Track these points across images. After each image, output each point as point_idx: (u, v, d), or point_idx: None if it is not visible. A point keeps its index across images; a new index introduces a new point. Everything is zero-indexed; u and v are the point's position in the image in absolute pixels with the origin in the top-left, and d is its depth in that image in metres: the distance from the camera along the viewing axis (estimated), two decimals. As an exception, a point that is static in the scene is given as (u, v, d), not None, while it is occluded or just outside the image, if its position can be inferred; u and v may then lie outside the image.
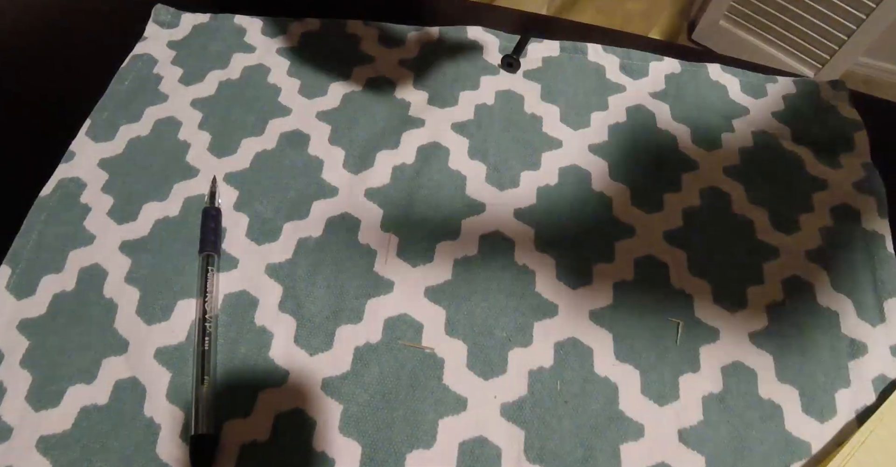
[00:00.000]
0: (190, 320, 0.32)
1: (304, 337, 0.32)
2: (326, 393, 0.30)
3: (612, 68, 0.44)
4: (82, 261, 0.34)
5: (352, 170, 0.39)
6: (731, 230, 0.36)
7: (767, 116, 0.42)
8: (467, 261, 0.35)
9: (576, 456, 0.29)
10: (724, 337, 0.32)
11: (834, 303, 0.33)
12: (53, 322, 0.32)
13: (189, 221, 0.36)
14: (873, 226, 0.36)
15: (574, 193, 0.38)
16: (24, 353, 0.31)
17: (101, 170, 0.38)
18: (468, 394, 0.31)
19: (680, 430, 0.30)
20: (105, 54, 0.44)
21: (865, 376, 0.31)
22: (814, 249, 0.35)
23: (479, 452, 0.29)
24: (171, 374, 0.31)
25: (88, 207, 0.36)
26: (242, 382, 0.31)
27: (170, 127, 0.40)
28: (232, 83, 0.43)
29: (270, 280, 0.34)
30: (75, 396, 0.30)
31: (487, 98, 0.42)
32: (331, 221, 0.36)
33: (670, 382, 0.31)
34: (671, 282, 0.34)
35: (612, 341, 0.32)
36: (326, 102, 0.42)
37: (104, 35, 0.46)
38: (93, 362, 0.31)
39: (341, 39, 0.45)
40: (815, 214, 0.37)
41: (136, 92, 0.42)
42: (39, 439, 0.29)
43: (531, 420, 0.30)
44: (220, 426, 0.29)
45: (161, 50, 0.44)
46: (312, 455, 0.29)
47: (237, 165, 0.39)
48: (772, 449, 0.29)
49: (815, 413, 0.30)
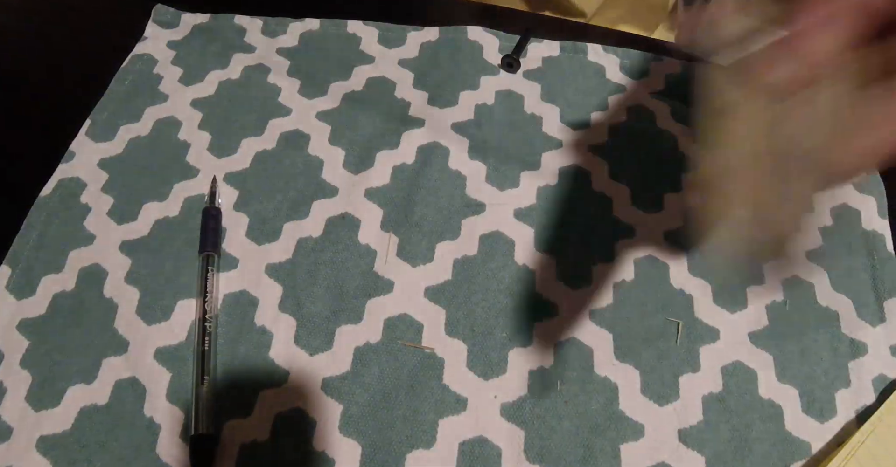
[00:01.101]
0: (190, 320, 0.32)
1: (304, 337, 0.32)
2: (326, 393, 0.30)
3: (612, 68, 0.44)
4: (82, 261, 0.34)
5: (352, 170, 0.39)
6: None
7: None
8: (467, 261, 0.35)
9: (576, 455, 0.29)
10: (723, 337, 0.32)
11: (834, 302, 0.34)
12: (53, 322, 0.32)
13: (189, 221, 0.36)
14: (873, 226, 0.36)
15: (574, 193, 0.38)
16: (23, 353, 0.31)
17: (101, 170, 0.38)
18: (468, 394, 0.31)
19: (680, 430, 0.30)
20: (105, 54, 0.44)
21: (865, 376, 0.31)
22: (814, 249, 0.35)
23: (479, 452, 0.29)
24: (171, 374, 0.31)
25: (88, 207, 0.36)
26: (242, 382, 0.31)
27: (170, 127, 0.40)
28: (232, 83, 0.43)
29: (270, 280, 0.34)
30: (75, 396, 0.30)
31: (487, 98, 0.42)
32: (331, 221, 0.36)
33: (670, 382, 0.31)
34: (671, 282, 0.34)
35: (612, 341, 0.32)
36: (326, 102, 0.42)
37: (104, 35, 0.46)
38: (93, 362, 0.31)
39: (341, 39, 0.45)
40: (814, 214, 0.37)
41: (136, 92, 0.42)
42: (39, 439, 0.29)
43: (531, 420, 0.30)
44: (220, 426, 0.29)
45: (161, 50, 0.44)
46: (312, 455, 0.29)
47: (237, 165, 0.39)
48: (772, 448, 0.29)
49: (815, 413, 0.30)
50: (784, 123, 0.20)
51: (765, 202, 0.21)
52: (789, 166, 0.20)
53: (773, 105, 0.20)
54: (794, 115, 0.20)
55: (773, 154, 0.20)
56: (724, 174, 0.21)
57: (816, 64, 0.19)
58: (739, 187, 0.21)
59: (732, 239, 0.21)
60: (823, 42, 0.19)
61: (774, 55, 0.19)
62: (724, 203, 0.21)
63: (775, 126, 0.20)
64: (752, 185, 0.21)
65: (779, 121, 0.20)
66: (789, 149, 0.20)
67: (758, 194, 0.21)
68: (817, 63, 0.19)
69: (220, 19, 0.46)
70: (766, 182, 0.21)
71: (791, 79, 0.19)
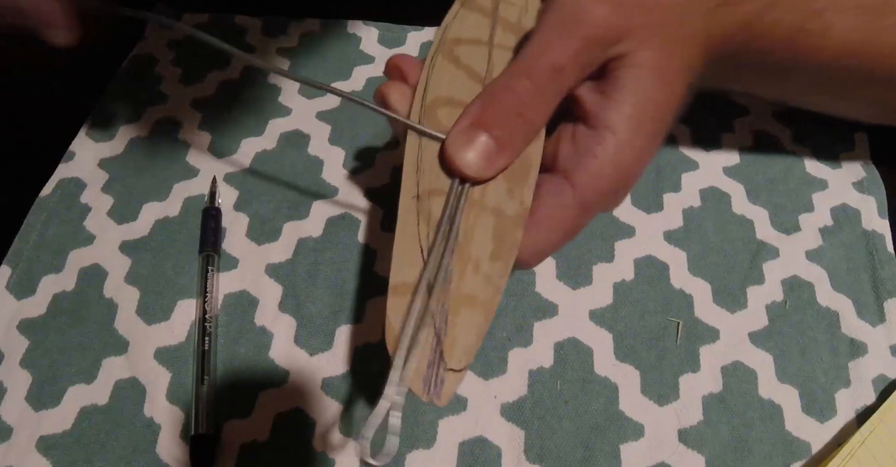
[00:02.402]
0: (190, 320, 0.32)
1: (304, 337, 0.32)
2: (326, 393, 0.30)
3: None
4: (82, 261, 0.34)
5: (352, 170, 0.39)
6: (730, 230, 0.36)
7: (768, 116, 0.42)
8: (467, 261, 0.35)
9: (576, 456, 0.29)
10: (723, 337, 0.32)
11: (834, 302, 0.33)
12: (53, 322, 0.32)
13: (189, 221, 0.36)
14: (873, 226, 0.36)
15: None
16: (23, 353, 0.31)
17: (101, 170, 0.38)
18: (468, 394, 0.31)
19: (680, 430, 0.30)
20: (105, 54, 0.44)
21: (865, 376, 0.31)
22: (814, 249, 0.35)
23: (478, 452, 0.29)
24: (171, 374, 0.31)
25: (88, 207, 0.36)
26: (242, 382, 0.31)
27: (170, 127, 0.40)
28: (232, 83, 0.43)
29: (270, 280, 0.34)
30: (75, 396, 0.30)
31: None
32: (331, 221, 0.36)
33: (670, 382, 0.31)
34: (671, 282, 0.34)
35: (612, 341, 0.32)
36: (326, 102, 0.42)
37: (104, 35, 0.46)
38: (93, 362, 0.31)
39: (341, 39, 0.45)
40: (815, 214, 0.37)
41: (136, 92, 0.42)
42: (39, 439, 0.29)
43: (531, 420, 0.30)
44: (220, 426, 0.29)
45: (161, 50, 0.44)
46: (312, 455, 0.29)
47: (237, 165, 0.39)
48: (772, 449, 0.29)
49: (815, 413, 0.30)
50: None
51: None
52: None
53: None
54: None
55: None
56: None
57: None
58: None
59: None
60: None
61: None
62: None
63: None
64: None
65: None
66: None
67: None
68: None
69: (220, 19, 0.46)
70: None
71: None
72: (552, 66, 0.23)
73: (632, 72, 0.24)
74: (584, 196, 0.23)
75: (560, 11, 0.24)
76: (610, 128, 0.23)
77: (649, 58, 0.24)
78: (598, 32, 0.23)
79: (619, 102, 0.23)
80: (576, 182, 0.24)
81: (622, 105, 0.23)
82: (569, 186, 0.24)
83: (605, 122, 0.23)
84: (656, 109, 0.24)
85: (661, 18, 0.25)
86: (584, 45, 0.23)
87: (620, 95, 0.23)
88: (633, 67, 0.24)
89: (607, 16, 0.23)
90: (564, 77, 0.23)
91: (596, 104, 0.24)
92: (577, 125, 0.25)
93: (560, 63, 0.23)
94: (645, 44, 0.24)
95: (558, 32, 0.24)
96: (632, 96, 0.23)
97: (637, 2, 0.24)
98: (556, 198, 0.24)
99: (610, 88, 0.24)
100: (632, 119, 0.23)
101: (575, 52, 0.23)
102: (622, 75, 0.24)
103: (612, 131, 0.23)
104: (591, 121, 0.24)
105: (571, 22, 0.23)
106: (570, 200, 0.24)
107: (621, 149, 0.23)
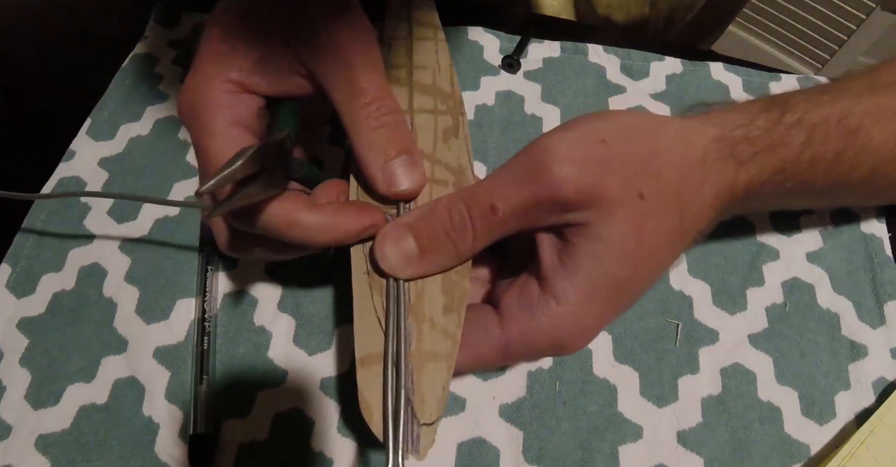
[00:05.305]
0: (189, 319, 0.32)
1: (303, 337, 0.32)
2: (325, 393, 0.30)
3: (612, 69, 0.44)
4: (82, 260, 0.34)
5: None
6: (730, 231, 0.36)
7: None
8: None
9: (574, 457, 0.29)
10: (723, 338, 0.32)
11: (834, 305, 0.33)
12: (53, 321, 0.32)
13: (189, 221, 0.36)
14: (872, 230, 0.36)
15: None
16: (23, 352, 0.31)
17: (101, 169, 0.38)
18: (467, 395, 0.31)
19: (679, 432, 0.30)
20: (105, 54, 0.44)
21: (865, 379, 0.31)
22: (814, 251, 0.35)
23: (477, 453, 0.29)
24: (170, 374, 0.31)
25: (88, 206, 0.36)
26: (241, 382, 0.31)
27: (170, 126, 0.40)
28: (232, 83, 0.42)
29: (270, 279, 0.34)
30: (74, 395, 0.30)
31: (487, 98, 0.42)
32: (330, 221, 0.36)
33: (669, 384, 0.31)
34: (671, 282, 0.34)
35: (611, 342, 0.32)
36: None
37: (104, 35, 0.46)
38: (92, 361, 0.31)
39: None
40: (814, 216, 0.37)
41: (136, 91, 0.42)
42: (38, 438, 0.29)
43: (530, 421, 0.30)
44: (218, 425, 0.29)
45: (161, 49, 0.44)
46: (311, 455, 0.29)
47: (237, 165, 0.38)
48: (771, 451, 0.29)
49: (815, 415, 0.30)
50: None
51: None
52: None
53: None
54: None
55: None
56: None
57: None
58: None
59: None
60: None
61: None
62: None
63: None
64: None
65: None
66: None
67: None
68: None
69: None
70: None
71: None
72: (491, 206, 0.22)
73: (590, 245, 0.22)
74: (509, 345, 0.23)
75: (528, 156, 0.23)
76: (556, 296, 0.22)
77: (614, 232, 0.22)
78: (553, 194, 0.22)
79: (571, 273, 0.22)
80: (507, 328, 0.23)
81: (574, 277, 0.22)
82: (499, 329, 0.23)
83: (553, 289, 0.22)
84: (612, 287, 0.22)
85: (657, 185, 0.22)
86: (532, 202, 0.22)
87: (575, 266, 0.22)
88: (592, 240, 0.22)
89: (574, 178, 0.21)
90: (500, 222, 0.23)
91: (551, 267, 0.23)
92: (530, 277, 0.24)
93: (501, 208, 0.22)
94: (613, 216, 0.22)
95: (514, 177, 0.22)
96: (586, 270, 0.22)
97: (629, 166, 0.22)
98: (484, 331, 0.23)
99: (566, 255, 0.22)
100: (580, 294, 0.22)
101: (522, 203, 0.22)
102: (580, 246, 0.22)
103: (557, 301, 0.22)
104: (542, 281, 0.23)
105: (531, 174, 0.22)
106: (496, 341, 0.23)
107: (562, 322, 0.22)
